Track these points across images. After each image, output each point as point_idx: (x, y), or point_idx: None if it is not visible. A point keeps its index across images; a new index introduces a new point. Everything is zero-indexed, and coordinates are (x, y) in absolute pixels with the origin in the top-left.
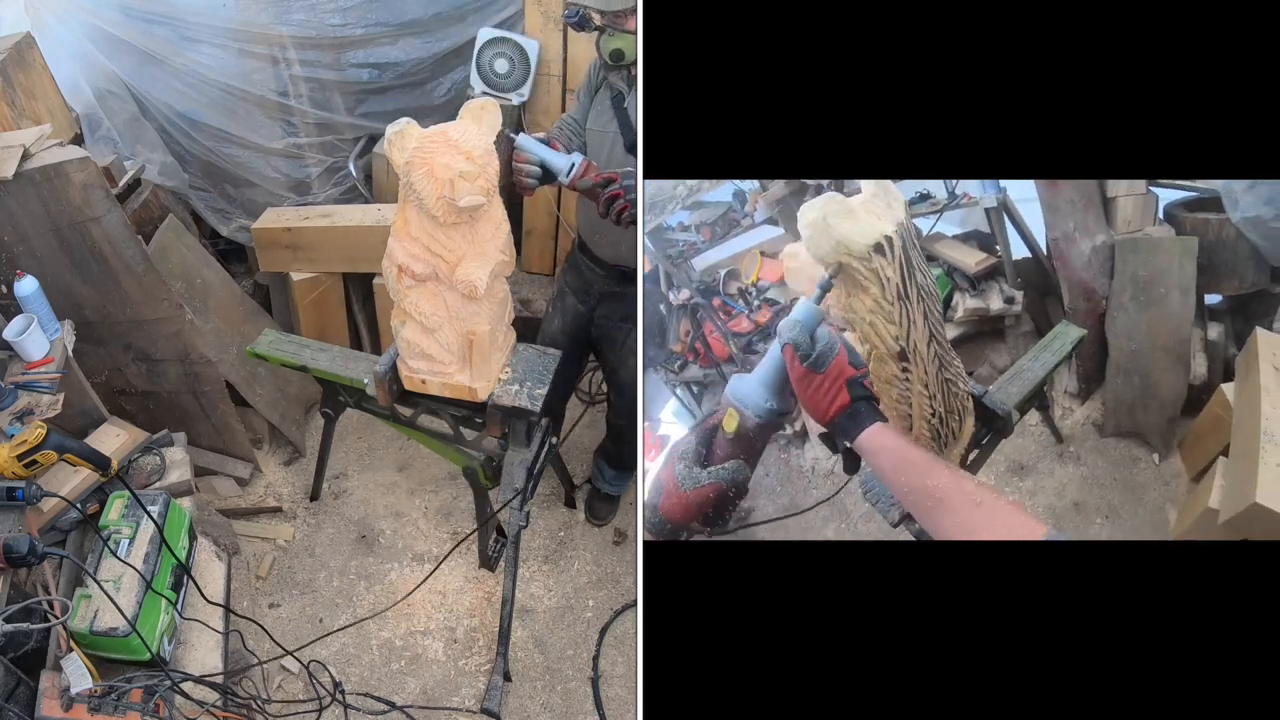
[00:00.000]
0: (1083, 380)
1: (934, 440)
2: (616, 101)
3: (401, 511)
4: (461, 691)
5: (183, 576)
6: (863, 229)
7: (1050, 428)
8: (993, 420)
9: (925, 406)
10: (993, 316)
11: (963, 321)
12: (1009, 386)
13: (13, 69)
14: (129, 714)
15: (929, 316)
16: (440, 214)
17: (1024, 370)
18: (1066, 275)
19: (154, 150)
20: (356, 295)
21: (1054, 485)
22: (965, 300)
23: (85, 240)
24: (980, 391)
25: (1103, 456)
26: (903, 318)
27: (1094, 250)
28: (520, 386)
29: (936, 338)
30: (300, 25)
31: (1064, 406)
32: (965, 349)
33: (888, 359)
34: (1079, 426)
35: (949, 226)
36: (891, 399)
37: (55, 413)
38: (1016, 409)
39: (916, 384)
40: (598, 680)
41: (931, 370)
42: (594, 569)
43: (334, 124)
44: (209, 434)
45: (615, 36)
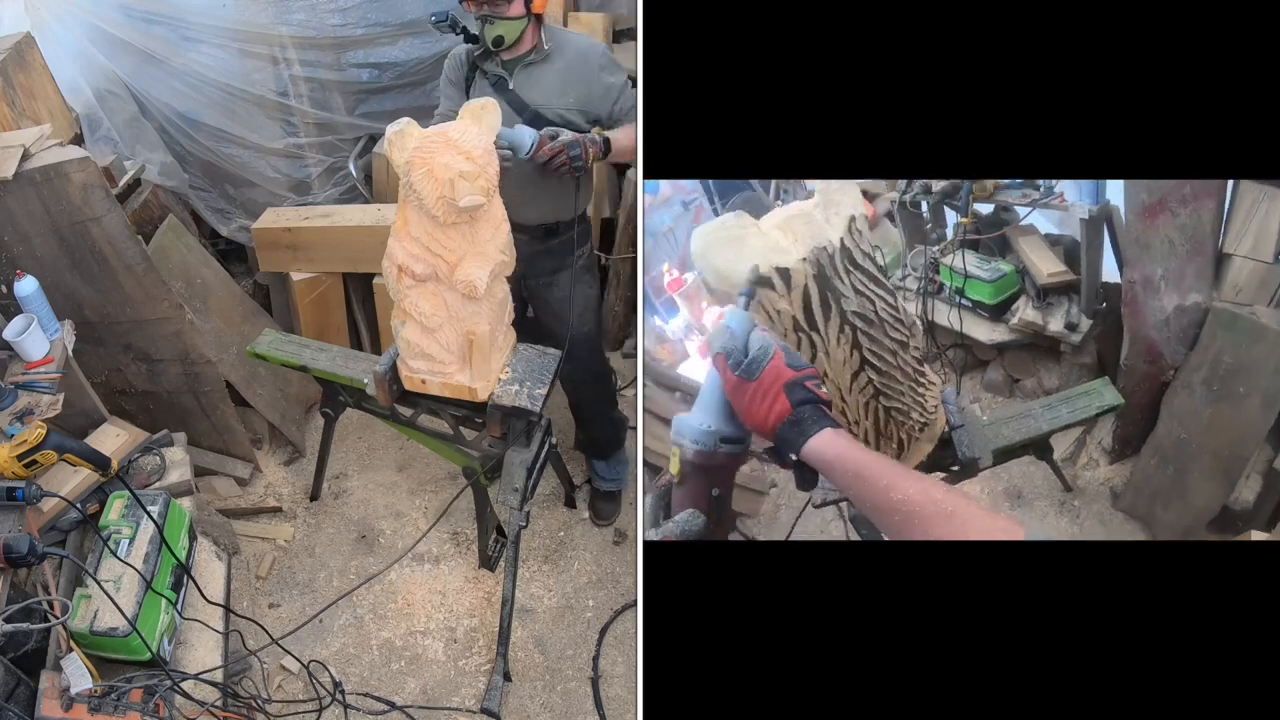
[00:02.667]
0: (1119, 442)
1: None
2: (500, 86)
3: (401, 511)
4: (461, 691)
5: (183, 576)
6: (746, 261)
7: (1057, 474)
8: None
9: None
10: (1049, 335)
11: (1017, 329)
12: (1003, 428)
13: (13, 69)
14: (129, 714)
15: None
16: (440, 214)
17: (1031, 415)
18: (1134, 327)
19: (154, 150)
20: (356, 295)
21: (1039, 531)
22: (1026, 309)
23: (85, 240)
24: (957, 423)
25: (1103, 528)
26: (803, 348)
27: (1179, 310)
28: (520, 386)
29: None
30: (300, 25)
31: (1091, 457)
32: (1016, 356)
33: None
34: (1094, 485)
35: (1045, 223)
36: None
37: (55, 413)
38: (996, 453)
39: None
40: (598, 680)
41: (857, 400)
42: (594, 569)
43: (334, 124)
44: (209, 434)
45: (497, 24)
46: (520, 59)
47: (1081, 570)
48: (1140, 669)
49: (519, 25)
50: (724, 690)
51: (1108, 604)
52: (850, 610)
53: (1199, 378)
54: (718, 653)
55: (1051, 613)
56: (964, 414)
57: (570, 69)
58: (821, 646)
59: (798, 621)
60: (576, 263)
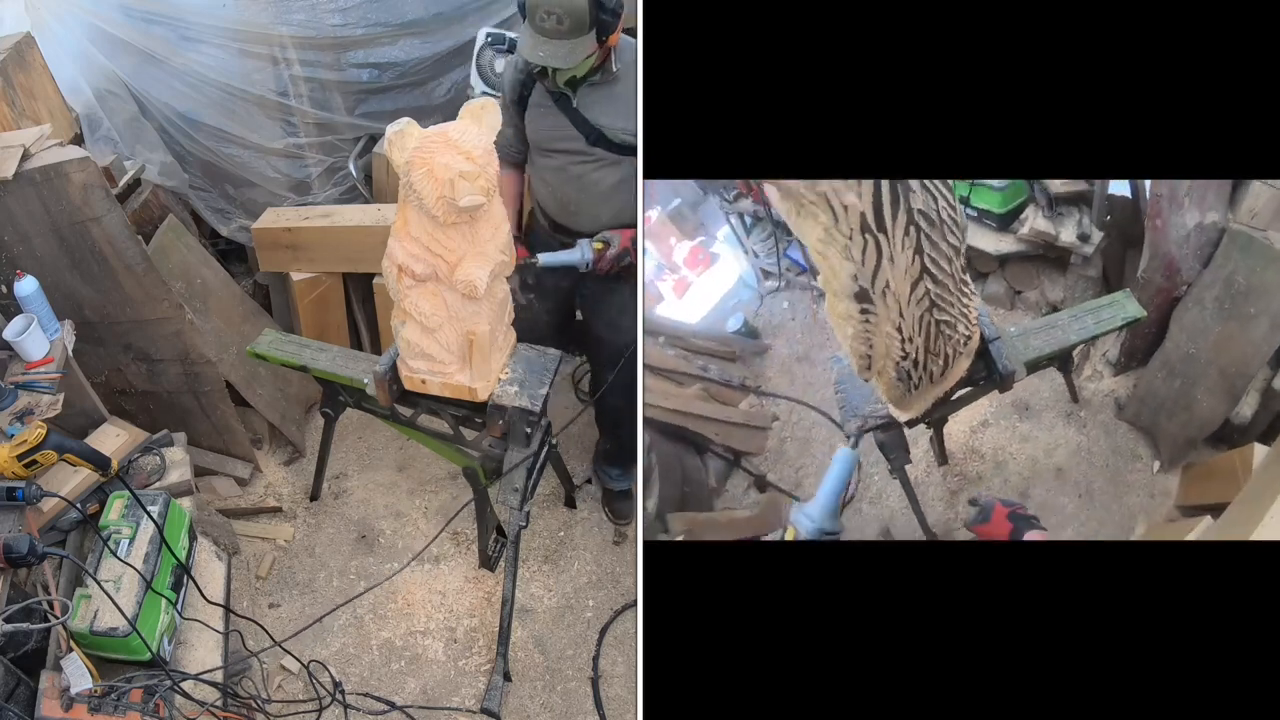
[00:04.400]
0: (1125, 354)
1: (900, 381)
2: (562, 103)
3: (401, 511)
4: (461, 691)
5: (183, 576)
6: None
7: (1069, 387)
8: (993, 369)
9: (896, 349)
10: (1059, 247)
11: (1026, 239)
12: (1032, 338)
13: (13, 69)
14: (129, 714)
15: (924, 250)
16: (440, 214)
17: (1058, 326)
18: (1155, 240)
19: (154, 150)
20: (356, 295)
21: (1048, 441)
22: (1036, 218)
23: (85, 240)
24: (993, 335)
25: (1107, 437)
26: (868, 253)
27: (1198, 228)
28: (520, 386)
29: (932, 274)
30: (300, 25)
31: (1096, 369)
32: (1020, 268)
33: (842, 296)
34: (1100, 396)
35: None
36: (846, 336)
37: (55, 413)
38: (1027, 365)
39: (885, 325)
40: (598, 680)
41: (913, 313)
42: (594, 569)
43: (334, 124)
44: (209, 434)
45: (567, 70)
46: (585, 78)
47: (1081, 570)
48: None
49: (590, 63)
50: (724, 690)
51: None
52: (849, 610)
53: (1211, 295)
54: (717, 653)
55: (1051, 613)
56: (996, 327)
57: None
58: (821, 646)
59: (797, 621)
60: (634, 271)
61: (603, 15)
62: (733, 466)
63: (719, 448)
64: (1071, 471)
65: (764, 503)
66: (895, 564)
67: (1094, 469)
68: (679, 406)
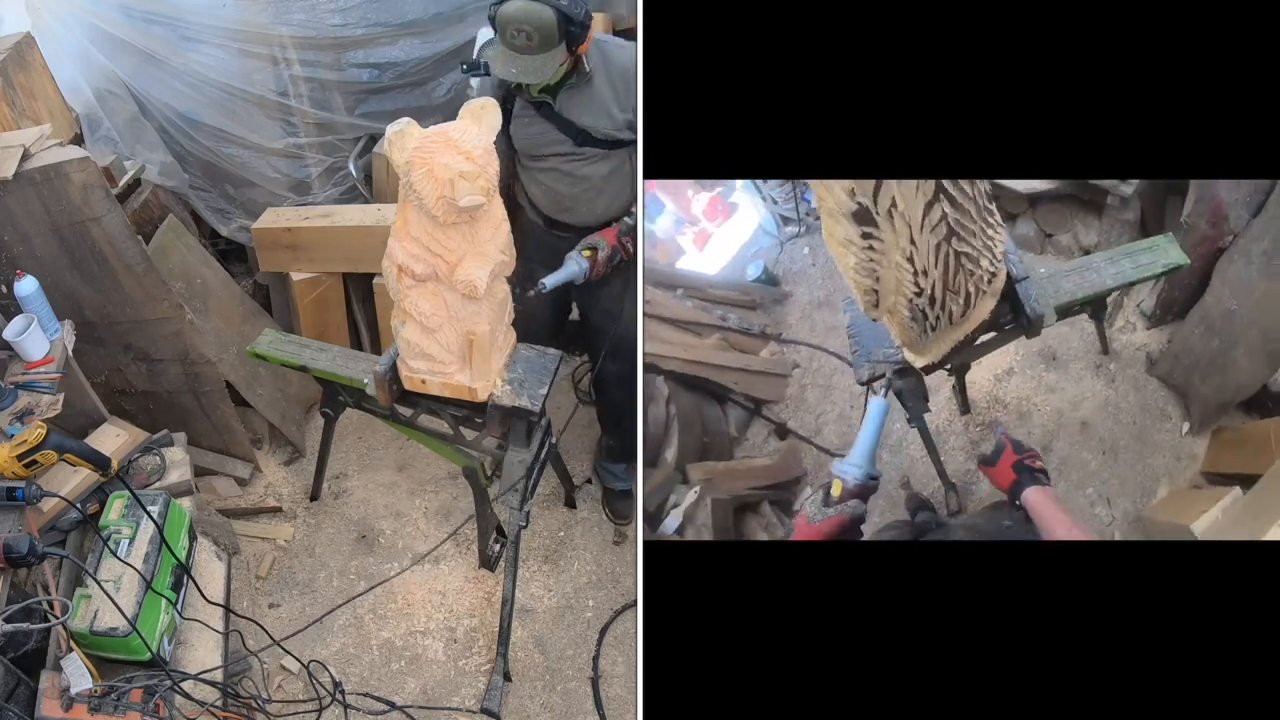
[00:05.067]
0: (1161, 306)
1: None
2: (545, 111)
3: (401, 511)
4: (461, 691)
5: (183, 576)
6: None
7: (1100, 337)
8: (1020, 313)
9: (908, 283)
10: (1092, 186)
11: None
12: (1064, 280)
13: (13, 69)
14: (129, 714)
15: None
16: (440, 214)
17: (1093, 268)
18: (1203, 183)
19: (154, 150)
20: (356, 295)
21: (1074, 393)
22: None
23: (85, 240)
24: (1021, 274)
25: (1136, 393)
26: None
27: None
28: (520, 386)
29: (951, 196)
30: (300, 25)
31: (1129, 320)
32: (1052, 209)
33: (838, 217)
34: (1131, 349)
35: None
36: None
37: (55, 413)
38: (1057, 310)
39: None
40: (598, 680)
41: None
42: (594, 569)
43: (334, 124)
44: (209, 434)
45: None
46: (561, 83)
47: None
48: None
49: (561, 71)
50: (724, 690)
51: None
52: (849, 610)
53: (1259, 248)
54: (718, 653)
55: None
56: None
57: (614, 87)
58: (821, 646)
59: (797, 621)
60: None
61: (571, 28)
62: (753, 415)
63: (739, 396)
64: (1097, 427)
65: (784, 450)
66: (896, 564)
67: (1120, 426)
68: (699, 357)
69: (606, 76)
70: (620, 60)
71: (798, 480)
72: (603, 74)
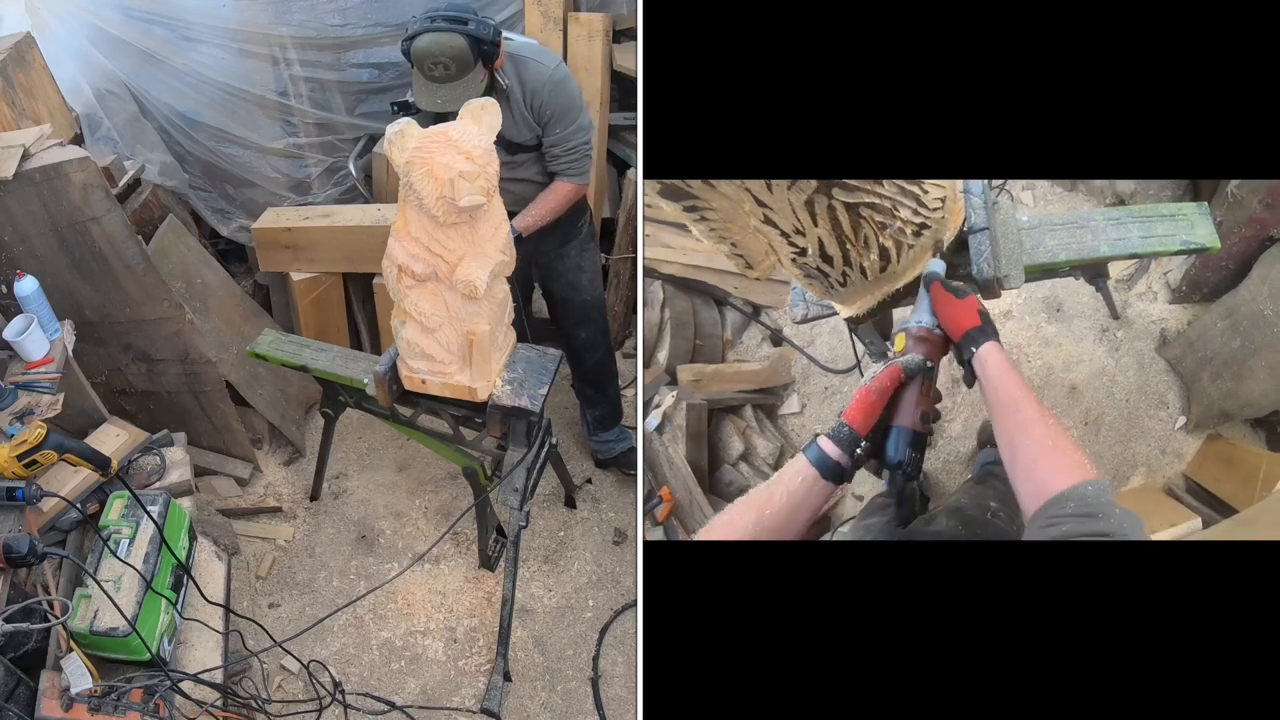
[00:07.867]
0: (1188, 283)
1: (814, 280)
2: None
3: (401, 511)
4: (461, 691)
5: (183, 576)
6: None
7: (1106, 301)
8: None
9: (779, 245)
10: None
11: None
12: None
13: (13, 69)
14: (129, 714)
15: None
16: (440, 214)
17: (1088, 228)
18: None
19: (154, 150)
20: (356, 295)
21: (1071, 352)
22: None
23: (85, 240)
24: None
25: (1138, 370)
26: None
27: None
28: (520, 386)
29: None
30: (300, 25)
31: (1150, 288)
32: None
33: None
34: (1145, 320)
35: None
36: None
37: (55, 413)
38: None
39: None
40: (598, 680)
41: (785, 201)
42: (594, 569)
43: (334, 124)
44: (209, 434)
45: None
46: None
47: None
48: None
49: (481, 88)
50: (724, 690)
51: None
52: (849, 610)
53: None
54: (718, 653)
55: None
56: (995, 212)
57: (526, 106)
58: (821, 646)
59: (798, 621)
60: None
61: (483, 48)
62: (751, 320)
63: (738, 300)
64: (1086, 395)
65: (775, 358)
66: (896, 564)
67: (1111, 401)
68: (699, 262)
69: (520, 93)
70: (534, 78)
71: (785, 386)
72: (518, 89)
